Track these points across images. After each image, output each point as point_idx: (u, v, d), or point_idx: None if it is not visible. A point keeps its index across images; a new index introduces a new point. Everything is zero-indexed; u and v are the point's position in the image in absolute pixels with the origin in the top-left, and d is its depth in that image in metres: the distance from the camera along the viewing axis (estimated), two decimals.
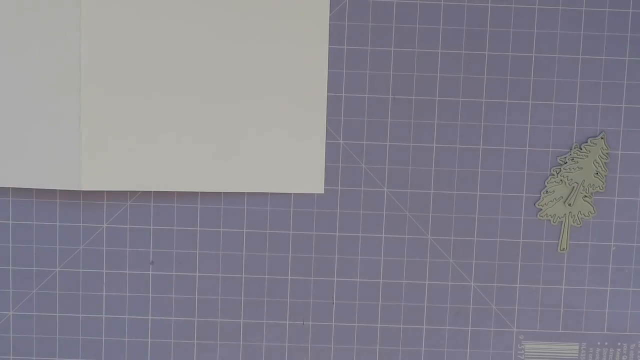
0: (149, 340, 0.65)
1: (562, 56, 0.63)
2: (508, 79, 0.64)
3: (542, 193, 0.65)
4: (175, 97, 0.62)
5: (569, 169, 0.64)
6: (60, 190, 0.64)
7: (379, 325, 0.66)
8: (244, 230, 0.65)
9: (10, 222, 0.64)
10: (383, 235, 0.65)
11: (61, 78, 0.62)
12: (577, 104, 0.64)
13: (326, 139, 0.64)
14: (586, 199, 0.65)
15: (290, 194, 0.64)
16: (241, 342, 0.66)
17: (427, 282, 0.65)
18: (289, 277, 0.65)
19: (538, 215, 0.65)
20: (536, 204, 0.65)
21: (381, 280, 0.65)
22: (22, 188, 0.64)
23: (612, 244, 0.65)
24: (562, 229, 0.65)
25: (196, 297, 0.65)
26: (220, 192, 0.64)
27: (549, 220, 0.65)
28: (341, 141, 0.64)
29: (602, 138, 0.64)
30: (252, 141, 0.63)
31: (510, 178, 0.64)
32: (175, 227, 0.65)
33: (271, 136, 0.63)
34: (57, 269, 0.65)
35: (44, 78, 0.62)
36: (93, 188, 0.63)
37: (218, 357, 0.66)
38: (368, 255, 0.65)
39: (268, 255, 0.65)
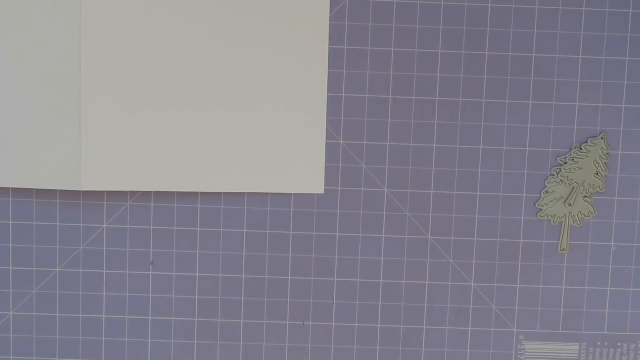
0: (149, 340, 0.65)
1: (562, 56, 0.63)
2: (508, 79, 0.64)
3: (542, 193, 0.65)
4: (175, 97, 0.62)
5: (569, 169, 0.64)
6: (60, 190, 0.64)
7: (379, 325, 0.66)
8: (244, 230, 0.65)
9: (10, 222, 0.64)
10: (383, 235, 0.65)
11: (61, 78, 0.62)
12: (577, 104, 0.64)
13: (326, 139, 0.64)
14: (586, 199, 0.65)
15: (290, 194, 0.64)
16: (241, 342, 0.66)
17: (427, 282, 0.65)
18: (289, 277, 0.65)
19: (538, 215, 0.65)
20: (536, 204, 0.65)
21: (381, 280, 0.65)
22: (22, 188, 0.64)
23: (612, 244, 0.65)
24: (562, 229, 0.65)
25: (196, 297, 0.65)
26: (220, 192, 0.64)
27: (549, 220, 0.65)
28: (341, 141, 0.64)
29: (602, 138, 0.64)
30: (252, 141, 0.63)
31: (510, 178, 0.64)
32: (175, 227, 0.65)
33: (271, 136, 0.63)
34: (57, 269, 0.65)
35: (44, 78, 0.62)
36: (93, 188, 0.63)
37: (218, 357, 0.66)
38: (368, 255, 0.65)
39: (268, 255, 0.65)
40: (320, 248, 0.65)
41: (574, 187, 0.65)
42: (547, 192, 0.65)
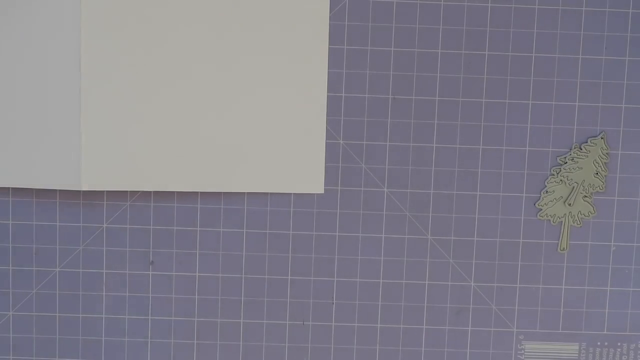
0: (149, 340, 0.65)
1: (562, 56, 0.63)
2: (508, 79, 0.64)
3: (542, 193, 0.65)
4: (175, 97, 0.62)
5: (569, 169, 0.64)
6: (60, 190, 0.64)
7: (379, 325, 0.66)
8: (244, 230, 0.65)
9: (10, 222, 0.64)
10: (383, 235, 0.65)
11: (61, 78, 0.62)
12: (577, 104, 0.64)
13: (326, 139, 0.64)
14: (586, 199, 0.65)
15: (290, 194, 0.64)
16: (241, 342, 0.66)
17: (427, 282, 0.65)
18: (289, 277, 0.65)
19: (538, 215, 0.65)
20: (536, 204, 0.65)
21: (381, 280, 0.65)
22: (22, 188, 0.64)
23: (612, 244, 0.65)
24: (562, 229, 0.65)
25: (196, 297, 0.65)
26: (220, 192, 0.64)
27: (549, 220, 0.65)
28: (341, 141, 0.64)
29: (602, 138, 0.64)
30: (252, 141, 0.63)
31: (510, 178, 0.64)
32: (175, 227, 0.65)
33: (271, 136, 0.63)
34: (57, 269, 0.65)
35: (44, 78, 0.62)
36: (93, 188, 0.63)
37: (218, 357, 0.66)
38: (368, 255, 0.65)
39: (268, 255, 0.65)
40: (320, 248, 0.65)
41: (574, 187, 0.65)
42: (547, 192, 0.65)
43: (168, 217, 0.64)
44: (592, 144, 0.64)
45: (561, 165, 0.64)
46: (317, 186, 0.64)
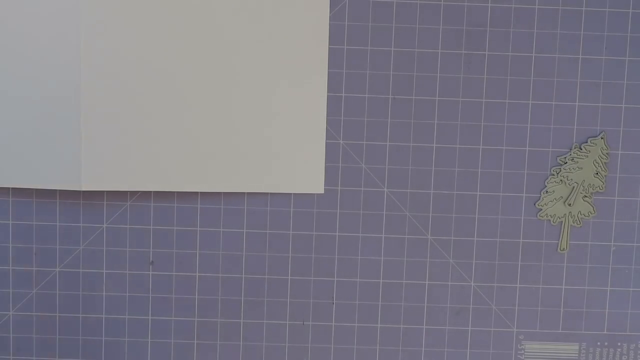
0: (149, 340, 0.65)
1: (562, 56, 0.63)
2: (508, 79, 0.64)
3: (542, 193, 0.65)
4: (175, 97, 0.62)
5: (569, 169, 0.64)
6: (60, 190, 0.64)
7: (379, 325, 0.66)
8: (244, 230, 0.65)
9: (10, 222, 0.64)
10: (383, 235, 0.65)
11: (61, 78, 0.62)
12: (577, 104, 0.64)
13: (326, 139, 0.64)
14: (586, 199, 0.65)
15: (290, 194, 0.64)
16: (241, 342, 0.66)
17: (427, 282, 0.65)
18: (289, 277, 0.65)
19: (538, 215, 0.65)
20: (536, 204, 0.65)
21: (381, 280, 0.65)
22: (22, 188, 0.64)
23: (612, 244, 0.65)
24: (562, 229, 0.65)
25: (196, 297, 0.65)
26: (220, 192, 0.64)
27: (549, 220, 0.65)
28: (341, 141, 0.64)
29: (602, 138, 0.64)
30: (252, 141, 0.63)
31: (510, 178, 0.64)
32: (175, 227, 0.65)
33: (271, 136, 0.63)
34: (57, 269, 0.65)
35: (44, 78, 0.62)
36: (93, 188, 0.63)
37: (218, 357, 0.66)
38: (368, 255, 0.65)
39: (268, 255, 0.65)
40: (320, 248, 0.65)
41: (574, 187, 0.65)
42: (547, 192, 0.65)
43: (168, 217, 0.64)
44: (592, 144, 0.64)
45: (561, 165, 0.64)
46: (317, 186, 0.64)
